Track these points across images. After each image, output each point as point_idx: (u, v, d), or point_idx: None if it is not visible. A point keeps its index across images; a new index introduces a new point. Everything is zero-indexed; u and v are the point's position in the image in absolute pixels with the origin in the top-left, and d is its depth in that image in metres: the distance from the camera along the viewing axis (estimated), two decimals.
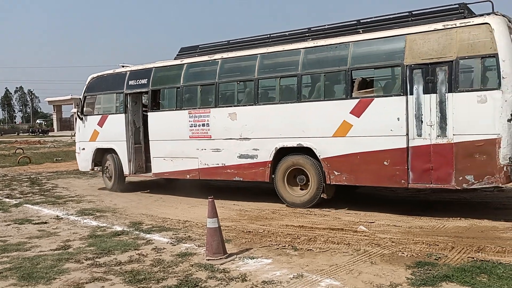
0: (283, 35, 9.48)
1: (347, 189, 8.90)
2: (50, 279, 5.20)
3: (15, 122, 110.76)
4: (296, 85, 8.71)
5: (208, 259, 5.62)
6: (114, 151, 11.73)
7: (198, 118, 9.97)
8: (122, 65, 12.33)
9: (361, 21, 8.56)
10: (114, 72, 12.07)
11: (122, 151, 11.48)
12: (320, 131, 8.40)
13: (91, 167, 12.42)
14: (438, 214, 7.56)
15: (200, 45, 10.70)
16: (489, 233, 6.40)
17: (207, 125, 9.82)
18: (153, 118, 10.96)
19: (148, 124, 11.16)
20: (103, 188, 12.32)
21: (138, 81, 11.20)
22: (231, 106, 9.57)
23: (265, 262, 5.52)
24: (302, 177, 8.80)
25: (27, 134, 65.19)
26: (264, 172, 9.11)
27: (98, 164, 12.42)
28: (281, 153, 8.97)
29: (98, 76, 12.39)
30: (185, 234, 7.01)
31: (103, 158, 12.18)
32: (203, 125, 9.88)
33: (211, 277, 5.04)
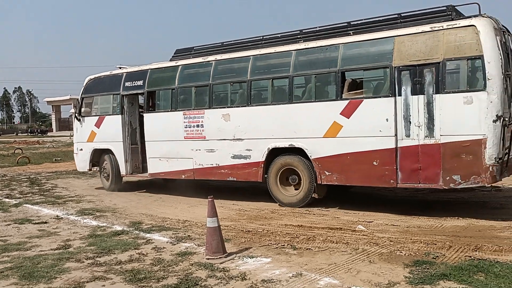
0: (275, 37, 9.40)
1: (341, 189, 8.82)
2: (51, 278, 5.13)
3: (14, 122, 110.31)
4: (288, 86, 8.66)
5: (208, 258, 5.55)
6: (111, 152, 11.63)
7: (193, 119, 9.93)
8: (119, 67, 12.18)
9: (352, 23, 8.48)
10: (110, 73, 11.97)
11: (119, 152, 11.41)
12: (311, 132, 8.36)
13: (89, 168, 12.32)
14: (436, 214, 7.46)
15: (195, 46, 10.62)
16: (487, 232, 6.32)
17: (202, 126, 9.79)
18: (148, 119, 10.89)
19: (144, 125, 11.12)
20: (102, 188, 12.17)
21: (134, 83, 11.13)
22: (225, 107, 9.53)
23: (265, 261, 5.45)
24: (295, 177, 8.74)
25: (26, 134, 65.07)
26: (257, 172, 9.07)
27: (96, 165, 12.31)
28: (274, 153, 8.90)
29: (95, 78, 12.29)
30: (184, 234, 6.91)
31: (100, 159, 12.06)
32: (198, 126, 9.85)
33: (211, 276, 4.98)
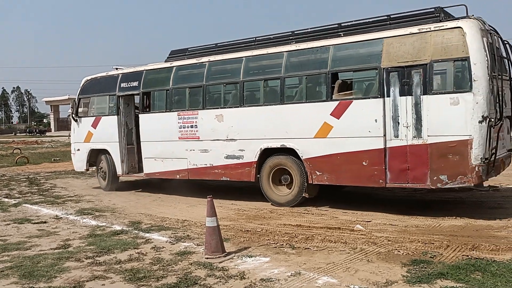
0: (267, 38, 9.32)
1: (334, 188, 8.75)
2: (51, 278, 5.03)
3: (12, 122, 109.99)
4: (279, 87, 8.58)
5: (207, 258, 5.45)
6: (107, 152, 11.50)
7: (187, 119, 9.87)
8: (115, 68, 12.05)
9: (342, 24, 8.42)
10: (107, 74, 11.84)
11: (115, 152, 11.32)
12: (302, 133, 8.31)
13: (86, 168, 12.20)
14: (434, 213, 7.36)
15: (189, 48, 10.53)
16: (484, 232, 6.25)
17: (195, 126, 9.74)
18: (144, 120, 10.81)
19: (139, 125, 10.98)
20: (100, 188, 12.02)
21: (129, 84, 11.03)
22: (218, 108, 9.46)
23: (263, 260, 5.37)
24: (287, 177, 8.69)
25: (24, 134, 64.85)
26: (250, 172, 9.02)
27: (93, 165, 12.17)
28: (266, 153, 8.83)
29: (91, 79, 12.15)
30: (184, 233, 6.80)
31: (97, 159, 11.94)
32: (192, 126, 9.80)
33: (210, 275, 4.89)
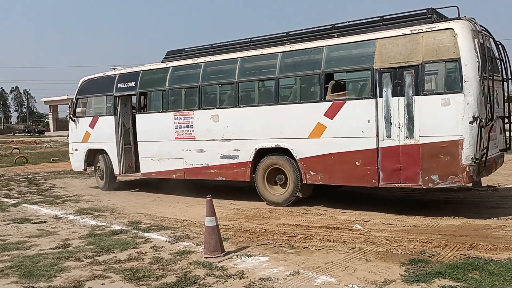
0: (262, 39, 9.27)
1: (329, 188, 8.73)
2: (51, 277, 4.98)
3: (11, 122, 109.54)
4: (274, 87, 8.56)
5: (206, 257, 5.40)
6: (105, 152, 11.44)
7: (183, 120, 9.84)
8: (113, 68, 11.94)
9: (336, 25, 8.38)
10: (104, 75, 11.78)
11: (112, 152, 11.26)
12: (296, 133, 8.30)
13: (84, 167, 12.13)
14: (432, 213, 7.32)
15: (185, 48, 10.47)
16: (482, 231, 6.21)
17: (191, 126, 9.71)
18: (140, 120, 10.78)
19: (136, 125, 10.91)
20: (99, 188, 12.06)
21: (126, 84, 10.98)
22: (214, 108, 9.42)
23: (262, 259, 5.33)
24: (281, 177, 8.65)
25: (23, 134, 64.57)
26: (245, 172, 9.01)
27: (91, 164, 12.10)
28: (261, 153, 8.80)
29: (89, 79, 12.07)
30: (183, 233, 6.74)
31: (95, 159, 11.87)
32: (188, 126, 9.77)
33: (210, 275, 4.84)
